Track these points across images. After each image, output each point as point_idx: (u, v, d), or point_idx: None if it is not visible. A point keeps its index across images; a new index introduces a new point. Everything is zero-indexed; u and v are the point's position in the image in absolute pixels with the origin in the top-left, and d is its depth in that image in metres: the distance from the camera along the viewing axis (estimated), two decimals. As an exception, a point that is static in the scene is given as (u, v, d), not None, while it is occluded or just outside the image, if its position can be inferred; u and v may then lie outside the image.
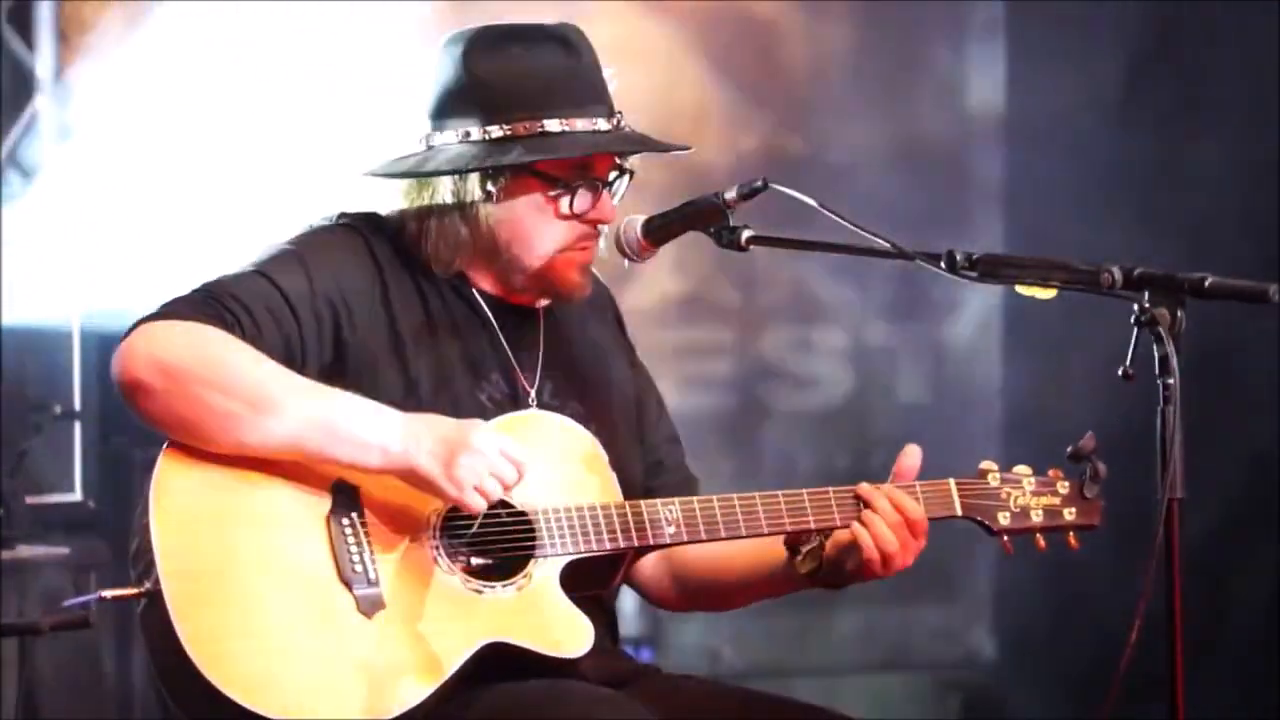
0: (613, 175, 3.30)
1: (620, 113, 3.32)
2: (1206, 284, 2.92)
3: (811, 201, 3.12)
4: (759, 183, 3.14)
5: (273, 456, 3.10)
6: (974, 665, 7.34)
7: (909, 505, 3.27)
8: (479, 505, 3.10)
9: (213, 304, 3.14)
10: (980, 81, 7.35)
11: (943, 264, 3.07)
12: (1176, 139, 6.54)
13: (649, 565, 3.48)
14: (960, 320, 7.29)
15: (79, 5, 6.34)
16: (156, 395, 3.09)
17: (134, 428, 6.10)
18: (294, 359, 3.19)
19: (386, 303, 3.27)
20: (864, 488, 3.29)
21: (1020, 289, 3.06)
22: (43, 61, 6.28)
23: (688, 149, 3.34)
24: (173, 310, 3.13)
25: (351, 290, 3.25)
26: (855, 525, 3.26)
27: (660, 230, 3.24)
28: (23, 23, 6.30)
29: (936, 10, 7.27)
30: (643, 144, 3.32)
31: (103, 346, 3.04)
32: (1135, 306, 2.93)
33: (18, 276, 5.96)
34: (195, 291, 3.18)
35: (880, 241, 3.10)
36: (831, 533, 3.30)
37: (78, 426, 6.20)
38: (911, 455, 3.33)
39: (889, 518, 3.26)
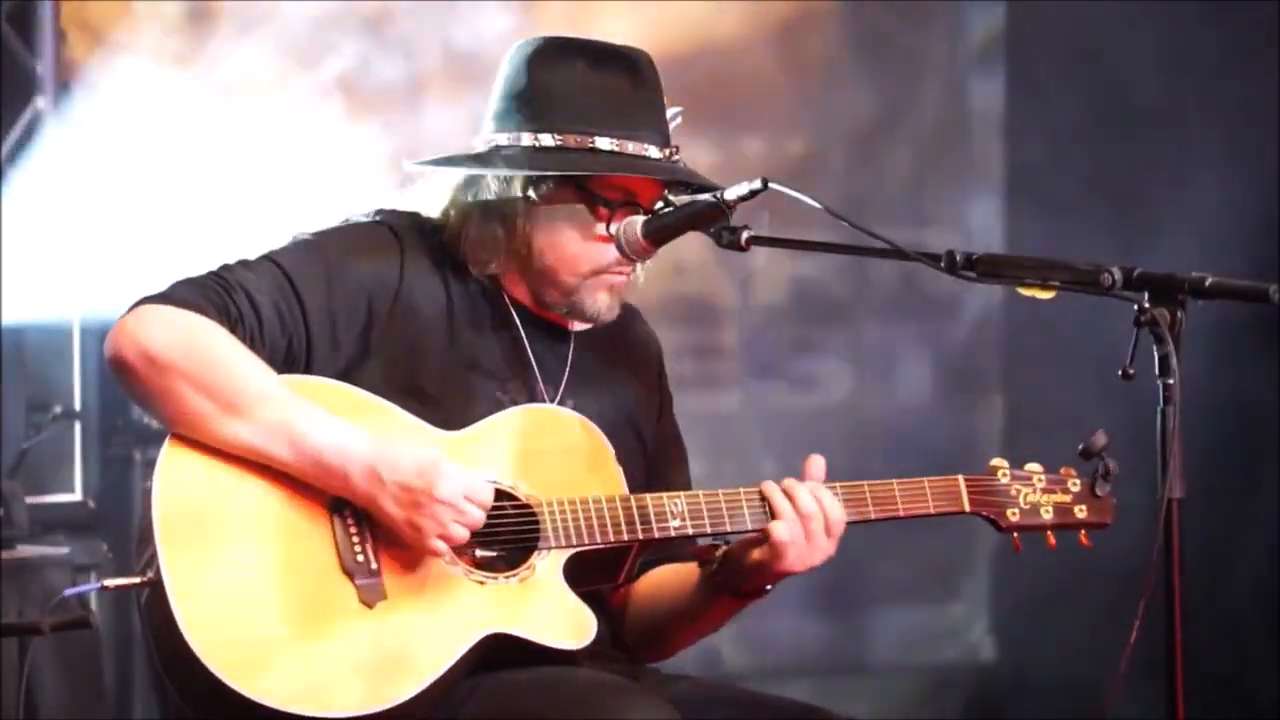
0: (658, 206, 3.29)
1: (677, 148, 3.32)
2: (1206, 284, 2.92)
3: (812, 201, 3.11)
4: (758, 182, 3.13)
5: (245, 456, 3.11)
6: (974, 665, 7.33)
7: (829, 502, 3.27)
8: (442, 551, 3.11)
9: (220, 294, 3.15)
10: (982, 83, 7.35)
11: (943, 264, 3.06)
12: (1177, 140, 6.54)
13: (619, 614, 3.46)
14: (960, 320, 7.28)
15: (79, 5, 6.34)
16: (138, 379, 3.11)
17: (134, 428, 6.17)
18: (296, 359, 3.20)
19: (408, 301, 3.27)
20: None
21: (1020, 289, 3.06)
22: (43, 61, 6.28)
23: (724, 187, 3.31)
24: (177, 294, 3.14)
25: (374, 287, 3.25)
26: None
27: (660, 230, 3.23)
28: (23, 23, 6.30)
29: (937, 9, 7.27)
30: (690, 178, 3.31)
31: (103, 347, 3.07)
32: (1135, 306, 2.92)
33: (17, 276, 5.96)
34: (207, 276, 3.19)
35: (880, 241, 3.10)
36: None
37: (78, 426, 6.20)
38: (816, 465, 3.31)
39: (807, 507, 3.25)
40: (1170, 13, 6.52)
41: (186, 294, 3.14)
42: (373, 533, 3.13)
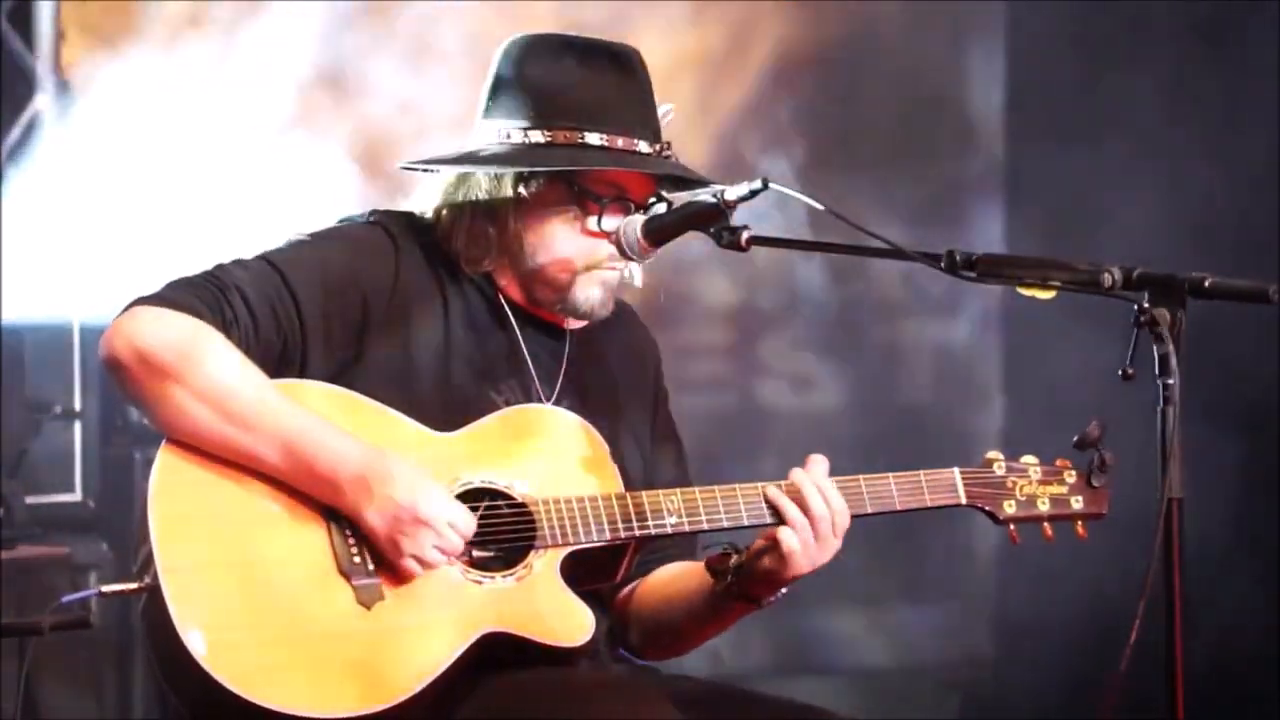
0: (650, 201, 3.29)
1: (668, 143, 3.32)
2: (1206, 284, 2.92)
3: (812, 201, 3.11)
4: (759, 183, 3.13)
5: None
6: (974, 665, 7.33)
7: (836, 500, 3.27)
8: (416, 573, 3.11)
9: (215, 295, 3.16)
10: (981, 82, 7.34)
11: (943, 264, 3.06)
12: (1177, 139, 6.54)
13: (624, 614, 3.47)
14: (960, 320, 7.28)
15: (79, 5, 6.34)
16: (133, 380, 3.12)
17: (134, 428, 6.16)
18: (291, 359, 3.20)
19: (403, 301, 3.28)
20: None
21: (1020, 289, 3.06)
22: (43, 61, 6.28)
23: (724, 187, 3.31)
24: (171, 295, 3.15)
25: (369, 288, 3.26)
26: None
27: (660, 230, 3.23)
28: (23, 23, 6.30)
29: (937, 10, 7.27)
30: (679, 173, 3.31)
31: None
32: (1135, 307, 2.92)
33: (18, 276, 5.96)
34: (202, 276, 3.20)
35: (880, 241, 3.10)
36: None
37: (78, 426, 6.20)
38: (818, 466, 3.31)
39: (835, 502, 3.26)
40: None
41: (181, 295, 3.15)
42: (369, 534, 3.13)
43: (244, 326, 3.16)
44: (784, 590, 3.31)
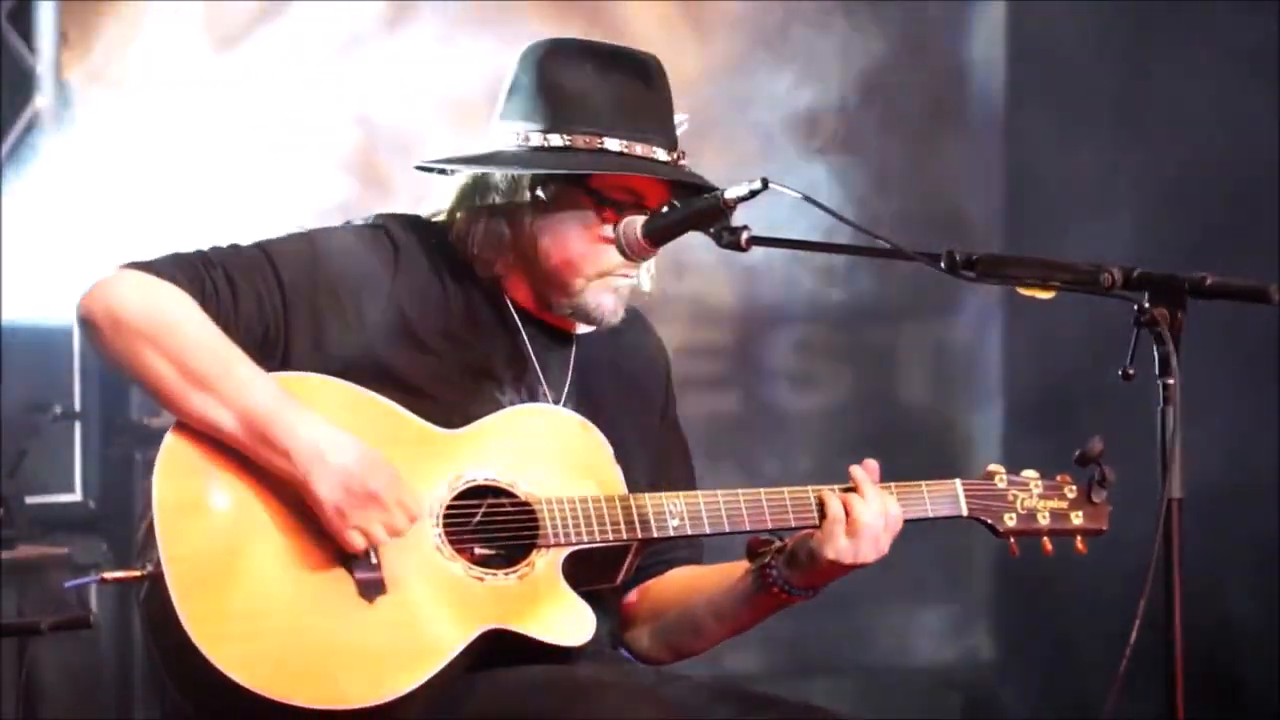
0: (665, 209, 3.29)
1: (683, 152, 3.32)
2: (1207, 283, 2.92)
3: (811, 201, 3.11)
4: (758, 183, 3.13)
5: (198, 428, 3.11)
6: (974, 665, 7.33)
7: (892, 502, 3.29)
8: (358, 545, 3.09)
9: (198, 269, 3.18)
10: (980, 79, 7.34)
11: (943, 264, 3.06)
12: (1176, 138, 6.54)
13: (634, 617, 3.48)
14: (960, 320, 7.28)
15: (79, 5, 6.34)
16: (102, 338, 3.14)
17: (134, 428, 6.16)
18: (273, 347, 3.21)
19: (401, 304, 3.28)
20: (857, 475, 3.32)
21: (1020, 289, 3.06)
22: (43, 61, 6.28)
23: (724, 187, 3.30)
24: (156, 264, 3.18)
25: (363, 288, 3.26)
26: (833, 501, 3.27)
27: (660, 230, 3.23)
28: (23, 23, 6.31)
29: (938, 7, 7.27)
30: (697, 180, 3.31)
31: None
32: (1135, 306, 2.92)
33: (18, 276, 5.96)
34: (192, 252, 3.22)
35: (880, 241, 3.10)
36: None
37: (78, 426, 6.21)
38: (870, 468, 3.33)
39: (874, 505, 3.27)
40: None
41: (164, 264, 3.18)
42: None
43: (224, 302, 3.17)
44: (818, 589, 3.32)
